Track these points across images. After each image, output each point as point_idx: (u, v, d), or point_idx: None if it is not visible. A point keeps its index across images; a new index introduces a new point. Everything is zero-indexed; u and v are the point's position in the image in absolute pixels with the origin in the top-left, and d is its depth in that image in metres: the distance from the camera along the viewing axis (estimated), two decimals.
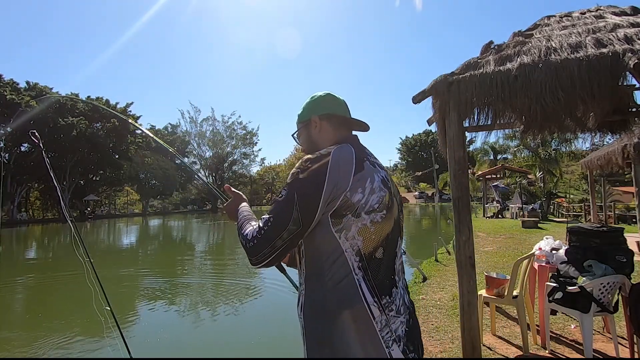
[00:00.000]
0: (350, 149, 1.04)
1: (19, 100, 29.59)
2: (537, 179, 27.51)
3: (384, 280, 1.00)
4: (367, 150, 1.13)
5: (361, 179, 0.99)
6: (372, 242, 0.99)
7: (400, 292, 1.05)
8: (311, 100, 1.21)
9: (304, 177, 0.99)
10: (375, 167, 1.06)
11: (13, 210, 31.94)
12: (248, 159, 59.02)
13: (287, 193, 0.99)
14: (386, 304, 0.98)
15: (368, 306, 0.95)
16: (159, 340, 4.53)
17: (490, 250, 8.58)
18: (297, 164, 1.02)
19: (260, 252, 0.98)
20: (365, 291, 0.96)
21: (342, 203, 0.97)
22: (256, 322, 5.20)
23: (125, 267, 10.32)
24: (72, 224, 1.86)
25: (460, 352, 2.68)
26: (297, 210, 0.96)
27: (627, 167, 7.23)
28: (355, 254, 0.98)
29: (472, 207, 11.01)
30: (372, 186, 1.00)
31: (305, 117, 1.20)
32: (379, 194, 1.00)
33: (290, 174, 1.02)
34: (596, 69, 2.26)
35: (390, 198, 1.04)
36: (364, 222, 0.98)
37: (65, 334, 4.74)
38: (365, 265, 0.98)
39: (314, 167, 0.99)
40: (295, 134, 1.28)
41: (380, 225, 1.00)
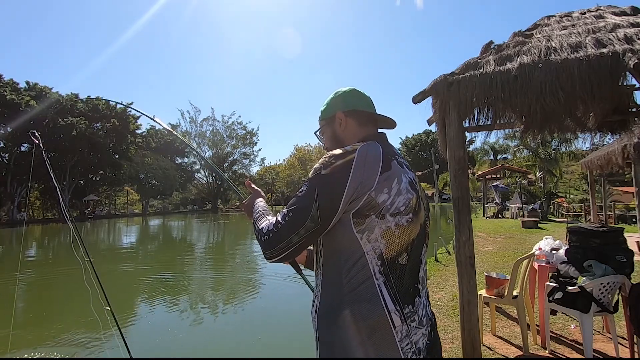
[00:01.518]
0: (378, 146, 0.99)
1: (19, 100, 29.58)
2: (537, 179, 27.51)
3: (407, 288, 0.94)
4: (395, 149, 1.07)
5: (388, 179, 0.94)
6: (396, 247, 0.94)
7: (424, 302, 1.00)
8: (335, 95, 1.16)
9: (326, 174, 0.94)
10: (403, 167, 1.01)
11: (13, 210, 31.93)
12: (248, 159, 59.13)
13: (307, 188, 0.95)
14: (408, 313, 0.93)
15: (389, 314, 0.90)
16: (159, 340, 4.53)
17: (490, 250, 8.58)
18: (321, 160, 0.97)
19: (275, 246, 0.94)
20: (387, 297, 0.91)
21: (366, 203, 0.92)
22: (256, 322, 5.20)
23: (126, 267, 10.31)
24: (72, 224, 1.86)
25: (460, 352, 2.68)
26: (317, 207, 0.92)
27: (627, 167, 7.23)
28: (377, 257, 0.92)
29: (472, 207, 11.02)
30: (399, 187, 0.95)
31: (329, 113, 1.15)
32: (405, 196, 0.95)
33: (312, 169, 0.97)
34: (596, 69, 2.26)
35: (418, 201, 0.99)
36: (388, 225, 0.93)
37: (65, 334, 4.74)
38: (388, 271, 0.92)
39: (337, 163, 0.94)
40: (318, 131, 1.21)
41: (405, 229, 0.95)
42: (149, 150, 45.47)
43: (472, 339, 2.59)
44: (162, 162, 46.23)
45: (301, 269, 1.33)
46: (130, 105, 4.55)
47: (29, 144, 31.68)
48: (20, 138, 30.38)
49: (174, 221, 33.81)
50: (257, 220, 1.07)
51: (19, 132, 28.91)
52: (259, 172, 61.82)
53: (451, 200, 2.78)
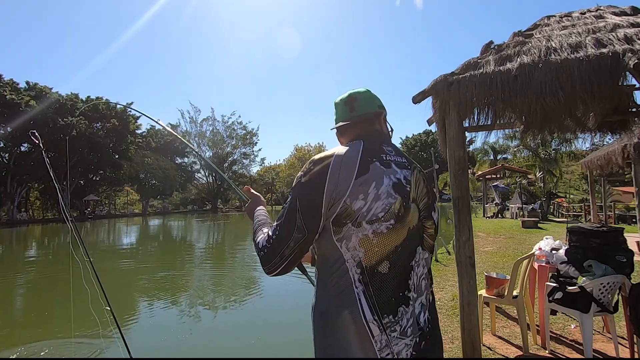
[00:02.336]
0: (358, 147, 0.97)
1: (18, 100, 29.58)
2: (537, 179, 27.51)
3: (389, 298, 0.91)
4: (384, 148, 1.02)
5: (364, 184, 0.91)
6: (375, 255, 0.91)
7: (414, 310, 0.95)
8: (334, 108, 1.17)
9: (305, 181, 0.94)
10: (391, 167, 0.96)
11: (13, 210, 31.93)
12: (248, 159, 59.16)
13: (291, 199, 0.95)
14: (388, 323, 0.90)
15: (366, 323, 0.88)
16: (159, 339, 4.53)
17: (490, 250, 8.58)
18: (303, 166, 0.98)
19: (270, 261, 0.94)
20: (365, 307, 0.89)
21: (342, 210, 0.90)
22: (257, 321, 5.20)
23: (126, 267, 10.32)
24: (72, 224, 1.86)
25: (460, 352, 2.68)
26: (300, 217, 0.92)
27: (627, 167, 7.23)
28: (356, 265, 0.91)
29: (472, 207, 11.01)
30: (377, 192, 0.91)
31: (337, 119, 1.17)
32: (385, 201, 0.91)
33: (296, 178, 0.98)
34: (596, 69, 2.26)
35: (403, 205, 0.94)
36: (365, 233, 0.90)
37: (65, 334, 4.73)
38: (367, 280, 0.90)
39: (315, 169, 0.94)
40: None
41: (385, 237, 0.91)
42: (149, 150, 45.47)
43: (472, 339, 2.59)
44: (162, 162, 46.24)
45: (306, 269, 1.33)
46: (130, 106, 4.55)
47: (29, 144, 31.70)
48: (20, 138, 30.37)
49: (174, 221, 33.80)
50: (255, 232, 1.07)
51: (19, 132, 28.92)
52: (259, 172, 61.85)
53: (451, 200, 2.78)
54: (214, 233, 21.25)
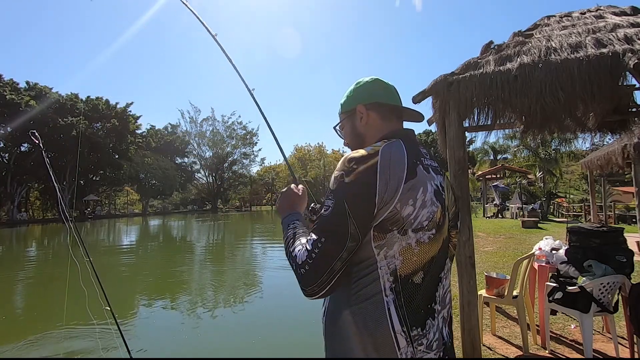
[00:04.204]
0: (402, 147, 0.88)
1: (18, 100, 29.59)
2: (537, 179, 27.51)
3: (418, 309, 0.86)
4: (421, 149, 0.95)
5: (413, 189, 0.84)
6: (412, 265, 0.85)
7: (438, 324, 0.90)
8: (356, 86, 1.05)
9: (351, 181, 0.83)
10: (429, 172, 0.90)
11: (13, 210, 31.94)
12: (248, 159, 59.11)
13: (335, 203, 0.83)
14: (416, 336, 0.84)
15: (394, 334, 0.82)
16: (159, 339, 4.52)
17: (490, 250, 8.58)
18: (339, 166, 0.86)
19: (317, 280, 0.82)
20: (394, 317, 0.83)
21: (391, 215, 0.82)
22: (257, 321, 5.19)
23: (125, 267, 10.32)
24: (72, 224, 1.86)
25: (461, 352, 2.67)
26: (353, 223, 0.81)
27: (627, 167, 7.24)
28: (390, 273, 0.84)
29: (472, 207, 11.02)
30: (424, 198, 0.85)
31: (349, 106, 1.04)
32: (430, 209, 0.86)
33: (332, 179, 0.87)
34: (596, 69, 2.26)
35: (442, 214, 0.90)
36: (409, 242, 0.84)
37: (65, 334, 4.73)
38: (399, 289, 0.84)
39: (360, 168, 0.83)
40: (337, 125, 1.10)
41: (426, 247, 0.86)
42: (149, 150, 45.48)
43: (472, 339, 2.59)
44: (162, 162, 46.24)
45: None
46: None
47: (29, 144, 31.70)
48: (20, 138, 30.40)
49: (174, 221, 33.81)
50: (291, 240, 0.93)
51: (18, 132, 28.93)
52: (259, 172, 61.83)
53: None
54: (214, 233, 21.25)
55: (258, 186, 61.09)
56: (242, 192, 60.05)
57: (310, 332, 4.42)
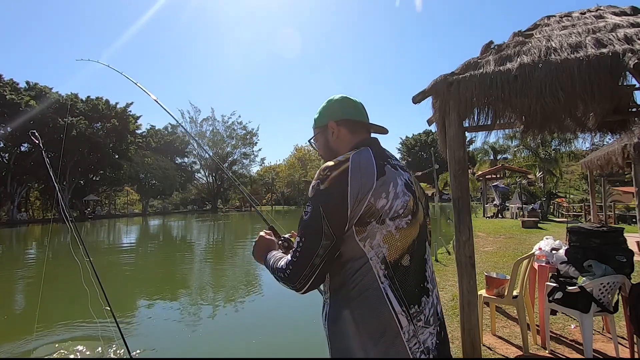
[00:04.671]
0: (369, 152, 1.02)
1: (18, 100, 29.57)
2: (537, 179, 27.52)
3: (412, 289, 0.96)
4: (387, 153, 1.09)
5: (384, 184, 0.96)
6: (398, 249, 0.96)
7: (432, 301, 1.01)
8: (327, 104, 1.18)
9: (325, 187, 0.95)
10: (397, 170, 1.03)
11: (13, 210, 31.93)
12: (248, 159, 59.08)
13: (312, 208, 0.95)
14: (415, 313, 0.95)
15: (396, 315, 0.92)
16: (159, 339, 4.52)
17: (490, 250, 8.58)
18: (316, 175, 0.98)
19: (300, 274, 0.95)
20: (393, 300, 0.93)
21: (366, 210, 0.94)
22: (257, 321, 5.20)
23: (125, 267, 10.32)
24: (72, 224, 1.86)
25: (460, 352, 2.68)
26: (327, 223, 0.93)
27: (627, 167, 7.23)
28: (380, 262, 0.94)
29: (472, 207, 11.01)
30: (396, 190, 0.97)
31: (322, 122, 1.17)
32: (403, 199, 0.97)
33: (310, 187, 0.98)
34: (596, 69, 2.26)
35: (415, 202, 1.01)
36: (389, 229, 0.95)
37: (65, 334, 4.73)
38: (392, 274, 0.95)
39: (333, 174, 0.95)
40: (312, 139, 1.23)
41: (405, 231, 0.97)
42: (149, 150, 45.43)
43: (472, 339, 2.59)
44: (162, 162, 46.19)
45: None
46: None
47: (29, 144, 31.69)
48: (20, 138, 30.38)
49: (174, 221, 33.79)
50: (274, 262, 1.05)
51: (19, 132, 28.91)
52: (259, 172, 61.81)
53: (451, 200, 2.78)
54: (214, 233, 21.24)
55: (258, 186, 61.04)
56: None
57: (310, 332, 4.42)
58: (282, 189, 60.12)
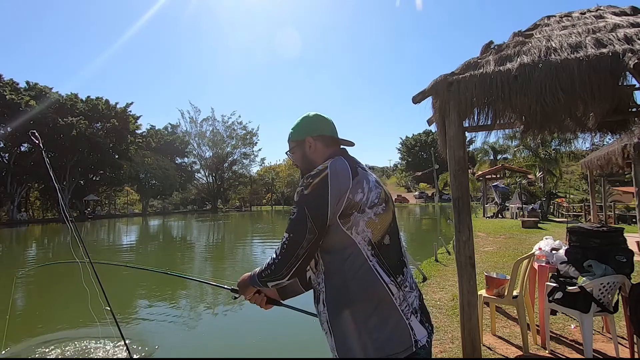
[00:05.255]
0: (343, 160, 1.19)
1: (18, 100, 29.57)
2: (537, 179, 27.52)
3: (395, 262, 1.15)
4: (356, 160, 1.27)
5: (358, 182, 1.14)
6: (379, 232, 1.14)
7: (410, 271, 1.22)
8: (303, 121, 1.34)
9: (309, 192, 1.12)
10: (366, 171, 1.22)
11: (13, 210, 31.93)
12: (248, 159, 59.04)
13: (297, 209, 1.12)
14: (401, 281, 1.13)
15: (386, 285, 1.10)
16: (159, 339, 4.52)
17: (490, 250, 8.58)
18: (300, 183, 1.16)
19: (286, 262, 1.11)
20: (382, 273, 1.11)
21: (347, 204, 1.11)
22: (257, 321, 5.19)
23: (125, 266, 10.30)
24: (72, 224, 1.86)
25: (460, 352, 2.68)
26: (310, 220, 1.09)
27: (627, 167, 7.23)
28: (367, 244, 1.11)
29: (472, 207, 11.01)
30: (369, 185, 1.16)
31: (299, 136, 1.32)
32: (376, 191, 1.16)
33: (296, 193, 1.15)
34: (596, 69, 2.26)
35: (385, 193, 1.21)
36: (369, 216, 1.12)
37: (65, 334, 4.73)
38: (377, 252, 1.12)
39: (315, 181, 1.12)
40: (289, 151, 1.38)
41: (383, 216, 1.15)
42: (149, 150, 45.43)
43: (472, 339, 2.59)
44: (162, 162, 46.19)
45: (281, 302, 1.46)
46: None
47: (29, 144, 31.69)
48: (20, 138, 30.38)
49: (174, 221, 33.80)
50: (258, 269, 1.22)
51: (19, 132, 28.90)
52: (259, 172, 61.78)
53: (451, 200, 2.78)
54: (214, 232, 21.24)
55: (258, 186, 61.05)
56: (242, 192, 60.01)
57: (311, 331, 4.42)
58: (282, 189, 60.09)
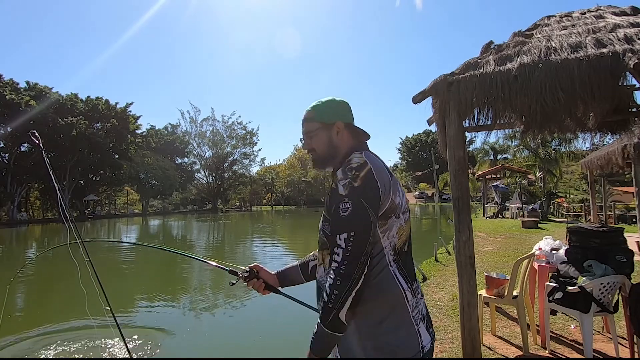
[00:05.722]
0: (375, 156, 1.13)
1: (18, 100, 29.56)
2: (537, 179, 27.51)
3: (411, 269, 1.14)
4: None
5: (395, 184, 1.10)
6: (403, 238, 1.12)
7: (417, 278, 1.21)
8: (333, 104, 1.22)
9: (360, 184, 1.03)
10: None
11: (13, 210, 31.92)
12: (248, 159, 59.00)
13: (352, 203, 1.01)
14: (415, 288, 1.13)
15: (404, 291, 1.08)
16: (159, 339, 4.52)
17: (490, 250, 8.58)
18: (342, 176, 1.06)
19: (356, 265, 0.98)
20: (401, 279, 1.08)
21: (390, 205, 1.07)
22: (258, 321, 5.20)
23: (125, 266, 10.31)
24: (72, 224, 1.86)
25: (460, 352, 2.68)
26: (372, 213, 1.02)
27: (627, 167, 7.23)
28: (392, 249, 1.09)
29: (472, 207, 11.02)
30: (399, 189, 1.12)
31: (327, 119, 1.20)
32: (404, 197, 1.14)
33: (341, 187, 1.04)
34: (596, 69, 2.26)
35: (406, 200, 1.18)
36: (401, 222, 1.11)
37: (65, 334, 4.73)
38: (398, 258, 1.10)
39: (362, 173, 1.04)
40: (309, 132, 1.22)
41: (408, 223, 1.15)
42: (149, 150, 45.41)
43: (472, 339, 2.59)
44: (162, 162, 46.17)
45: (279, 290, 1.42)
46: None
47: (29, 144, 31.68)
48: (20, 138, 30.36)
49: (174, 221, 33.79)
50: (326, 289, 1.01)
51: (19, 132, 28.89)
52: (259, 172, 61.78)
53: (451, 200, 2.78)
54: (214, 232, 21.24)
55: (258, 186, 61.05)
56: (242, 192, 60.01)
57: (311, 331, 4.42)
58: (282, 189, 60.10)
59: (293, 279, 1.39)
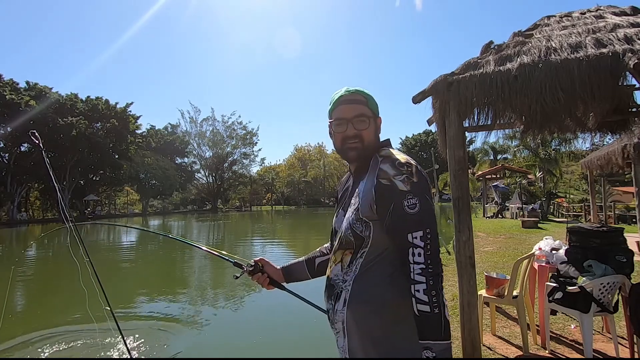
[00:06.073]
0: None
1: (18, 100, 29.56)
2: (537, 179, 27.53)
3: None
4: None
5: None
6: None
7: None
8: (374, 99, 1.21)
9: (418, 179, 1.02)
10: None
11: (13, 210, 31.92)
12: (248, 159, 59.10)
13: (419, 199, 0.99)
14: None
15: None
16: (158, 339, 4.52)
17: (490, 250, 8.58)
18: (395, 171, 1.02)
19: (440, 263, 1.01)
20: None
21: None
22: (258, 320, 5.19)
23: (125, 266, 10.31)
24: (72, 224, 1.86)
25: (460, 352, 2.67)
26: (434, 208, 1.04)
27: (627, 167, 7.22)
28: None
29: (472, 207, 11.01)
30: None
31: (377, 111, 1.20)
32: None
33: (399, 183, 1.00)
34: (596, 69, 2.25)
35: None
36: None
37: (65, 334, 4.73)
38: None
39: (414, 169, 1.03)
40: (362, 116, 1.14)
41: None
42: (149, 150, 45.44)
43: (472, 339, 2.59)
44: (162, 162, 46.20)
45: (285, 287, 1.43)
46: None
47: (29, 144, 31.70)
48: (20, 138, 30.37)
49: (174, 221, 33.79)
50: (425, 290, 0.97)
51: (19, 132, 28.91)
52: (259, 172, 61.82)
53: (451, 200, 2.78)
54: (214, 232, 21.24)
55: (258, 186, 61.09)
56: (242, 192, 60.06)
57: (312, 331, 4.42)
58: (282, 189, 60.10)
59: (298, 275, 1.39)
